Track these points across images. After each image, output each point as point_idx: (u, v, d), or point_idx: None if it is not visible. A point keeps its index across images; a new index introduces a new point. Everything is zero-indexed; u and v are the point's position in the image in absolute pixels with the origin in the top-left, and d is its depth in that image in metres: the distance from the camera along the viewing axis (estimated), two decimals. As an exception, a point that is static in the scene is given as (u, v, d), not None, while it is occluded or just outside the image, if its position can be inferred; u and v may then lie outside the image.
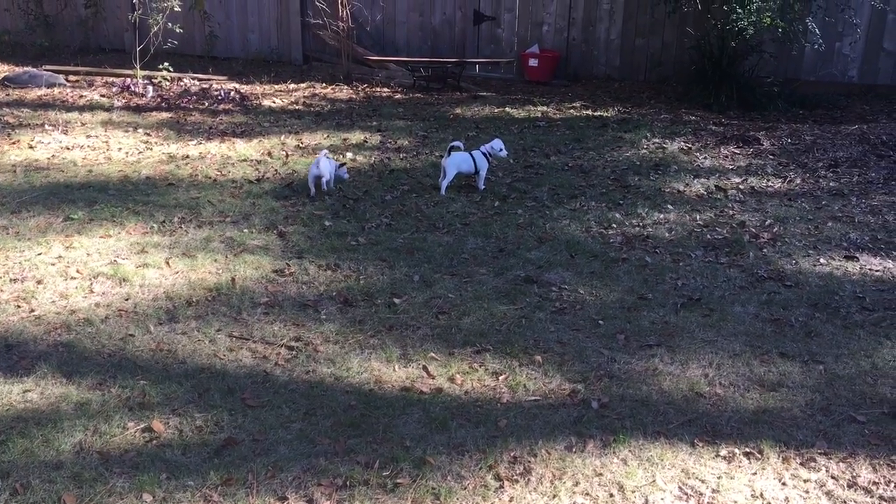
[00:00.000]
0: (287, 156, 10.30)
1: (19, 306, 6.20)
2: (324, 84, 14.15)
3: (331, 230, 7.94)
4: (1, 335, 5.77)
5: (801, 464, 4.62)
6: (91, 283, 6.60)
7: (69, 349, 5.62)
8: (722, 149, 10.78)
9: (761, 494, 4.35)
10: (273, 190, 9.04)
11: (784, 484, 4.45)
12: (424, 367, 5.55)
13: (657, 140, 11.12)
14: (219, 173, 9.55)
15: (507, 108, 12.78)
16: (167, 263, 7.01)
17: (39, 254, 7.10)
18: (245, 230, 7.84)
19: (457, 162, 8.91)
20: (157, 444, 4.63)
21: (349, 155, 10.29)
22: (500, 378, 5.45)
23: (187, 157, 10.15)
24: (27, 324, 5.95)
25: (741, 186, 9.41)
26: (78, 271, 6.79)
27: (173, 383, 5.25)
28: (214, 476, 4.36)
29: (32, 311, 6.14)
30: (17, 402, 5.00)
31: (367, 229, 8.00)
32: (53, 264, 6.91)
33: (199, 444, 4.65)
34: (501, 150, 9.09)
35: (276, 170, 9.74)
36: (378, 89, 13.95)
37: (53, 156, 9.99)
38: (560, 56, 14.50)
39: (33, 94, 13.03)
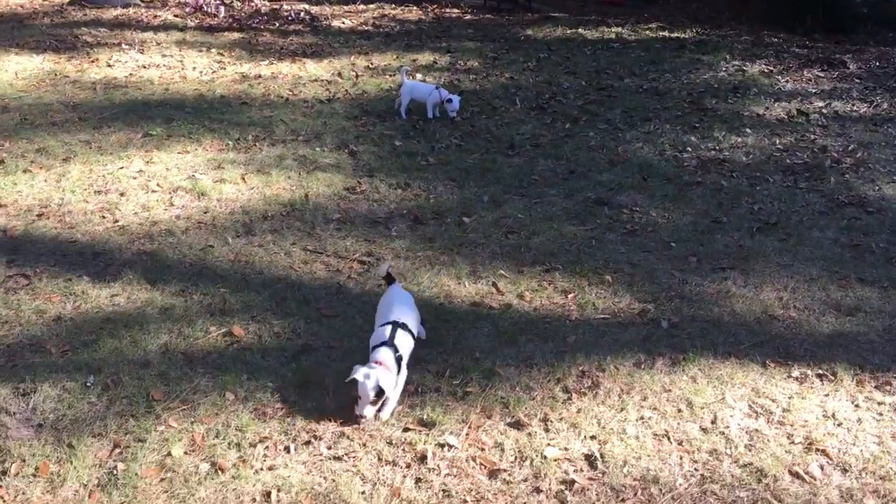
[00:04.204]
0: (357, 76, 10.29)
1: (104, 217, 6.44)
2: (393, 5, 14.01)
3: (401, 150, 7.97)
4: (88, 243, 6.03)
5: (875, 387, 4.56)
6: (171, 197, 6.80)
7: (152, 258, 5.84)
8: (805, 72, 10.35)
9: (833, 415, 4.32)
10: (344, 109, 9.08)
11: (857, 406, 4.41)
12: (494, 284, 5.60)
13: (737, 62, 10.73)
14: (290, 93, 9.62)
15: (579, 30, 12.45)
16: (243, 179, 7.16)
17: (121, 167, 7.33)
18: (317, 148, 7.93)
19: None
20: (237, 348, 4.83)
21: (419, 76, 10.22)
22: (569, 296, 5.47)
23: (259, 76, 10.24)
24: (112, 233, 6.19)
25: (824, 111, 9.06)
26: (158, 185, 7.00)
27: (251, 292, 5.43)
28: (292, 378, 4.54)
29: (116, 221, 6.38)
30: (105, 305, 5.25)
31: (437, 149, 8.00)
32: (135, 178, 7.14)
33: (278, 348, 4.83)
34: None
35: (346, 90, 9.76)
36: (448, 10, 13.74)
37: (131, 74, 10.21)
38: (636, -25, 14.01)
39: (109, 13, 13.24)
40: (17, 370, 4.55)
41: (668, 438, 4.14)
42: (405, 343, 4.43)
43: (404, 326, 4.45)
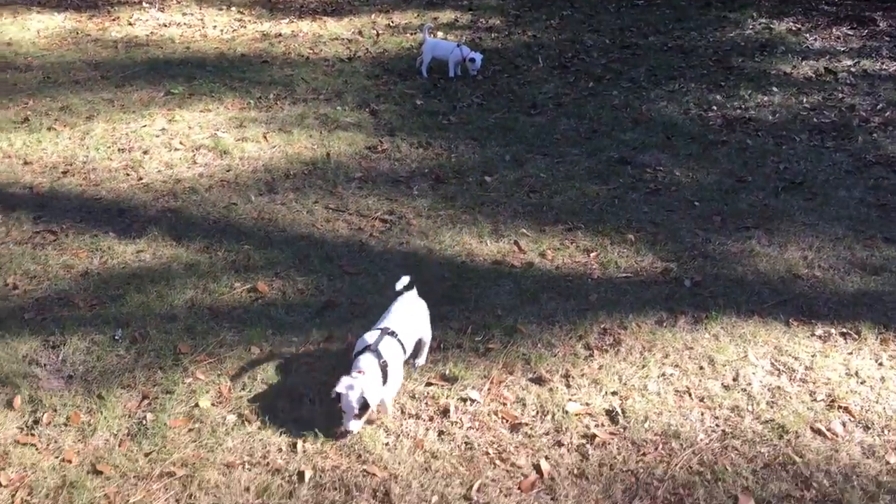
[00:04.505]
0: (378, 35, 10.21)
1: (128, 174, 6.49)
2: (414, -38, 13.81)
3: (422, 109, 7.93)
4: (113, 200, 6.08)
5: (900, 346, 4.54)
6: (194, 155, 6.83)
7: (177, 215, 5.89)
8: (834, 30, 10.13)
9: (856, 373, 4.31)
10: (364, 68, 9.03)
11: (881, 364, 4.39)
12: (516, 243, 5.60)
13: (764, 20, 10.52)
14: (311, 51, 9.58)
15: (603, -13, 12.23)
16: (265, 138, 7.17)
17: (144, 126, 7.36)
18: (338, 107, 7.90)
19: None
20: (262, 304, 4.88)
21: (440, 34, 10.12)
22: (592, 255, 5.46)
23: (280, 35, 10.19)
24: (136, 191, 6.24)
25: (853, 69, 8.88)
26: (181, 143, 7.03)
27: (275, 249, 5.47)
28: (316, 334, 4.59)
29: (140, 179, 6.42)
30: (131, 260, 5.31)
31: (459, 108, 7.95)
32: (158, 136, 7.16)
33: (301, 304, 4.88)
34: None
35: (367, 48, 9.70)
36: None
37: (152, 32, 10.19)
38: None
39: (129, -28, 13.17)
40: (47, 323, 4.64)
41: (690, 395, 4.16)
42: (392, 350, 4.01)
43: (393, 334, 4.07)
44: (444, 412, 4.03)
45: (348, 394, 3.75)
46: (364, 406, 3.77)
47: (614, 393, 4.17)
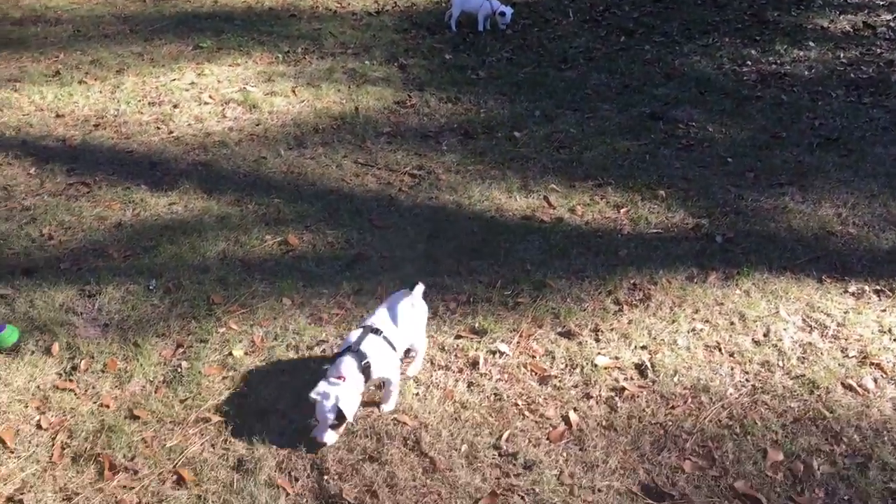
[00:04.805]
0: (406, -12, 10.08)
1: (159, 128, 6.52)
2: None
3: (451, 63, 7.86)
4: (144, 153, 6.13)
5: (935, 304, 4.48)
6: (223, 109, 6.84)
7: (207, 168, 5.92)
8: (875, -18, 9.84)
9: (889, 330, 4.27)
10: (393, 22, 8.94)
11: (915, 322, 4.35)
12: (545, 198, 5.57)
13: (801, -27, 10.23)
14: (339, 5, 9.50)
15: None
16: (293, 92, 7.16)
17: (174, 79, 7.37)
18: (366, 62, 7.86)
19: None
20: (292, 256, 4.92)
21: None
22: (622, 211, 5.43)
23: (307, -12, 10.09)
24: (167, 144, 6.27)
25: (892, 24, 8.64)
26: (210, 97, 7.03)
27: (305, 203, 5.49)
28: (346, 286, 4.62)
29: (171, 132, 6.45)
30: (164, 213, 5.37)
31: (488, 63, 7.86)
32: (187, 90, 7.18)
33: (331, 257, 4.91)
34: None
35: (395, 2, 9.60)
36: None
37: (179, -14, 10.14)
38: None
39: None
40: (82, 273, 4.71)
41: (720, 350, 4.15)
42: (378, 351, 3.62)
43: (378, 332, 3.68)
44: (474, 364, 4.06)
45: (323, 402, 3.44)
46: (339, 416, 3.45)
47: (643, 347, 4.17)
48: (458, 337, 4.25)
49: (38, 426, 3.69)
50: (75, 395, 3.87)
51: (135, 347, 4.14)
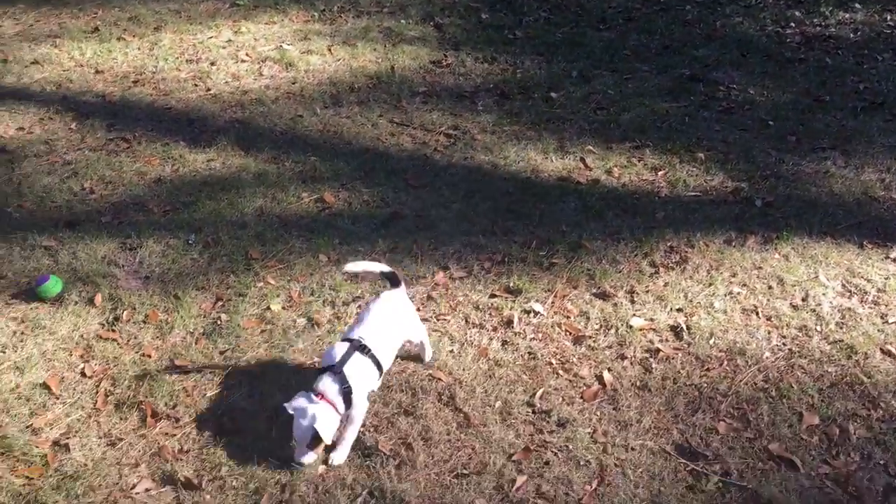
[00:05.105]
0: (442, -54, 9.95)
1: (197, 85, 6.55)
2: None
3: (487, 23, 7.77)
4: (183, 110, 6.17)
5: (979, 272, 4.40)
6: (260, 67, 6.85)
7: (244, 126, 5.95)
8: (927, -58, 9.51)
9: (932, 297, 4.21)
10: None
11: (958, 289, 4.28)
12: (581, 160, 5.53)
13: (850, -68, 9.92)
14: (375, -37, 9.40)
15: None
16: (329, 51, 7.14)
17: (211, 37, 7.39)
18: (402, 21, 7.80)
19: None
20: (328, 214, 4.95)
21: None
22: (660, 173, 5.37)
23: (343, -54, 10.00)
24: (205, 101, 6.31)
25: (945, -15, 8.37)
26: (247, 55, 7.05)
27: (340, 161, 5.51)
28: (382, 244, 4.65)
29: (209, 90, 6.49)
30: (202, 169, 5.42)
31: (525, 23, 7.77)
32: (224, 48, 7.19)
33: (367, 215, 4.93)
34: None
35: (431, -40, 9.47)
36: None
37: (215, -56, 10.11)
38: None
39: None
40: (123, 227, 4.79)
41: (757, 314, 4.12)
42: (362, 371, 3.35)
43: (364, 350, 3.38)
44: (508, 323, 4.08)
45: (300, 420, 3.20)
46: (316, 437, 3.21)
47: (679, 310, 4.15)
48: (492, 296, 4.27)
49: (83, 374, 3.78)
50: (118, 344, 3.96)
51: (175, 300, 4.22)
